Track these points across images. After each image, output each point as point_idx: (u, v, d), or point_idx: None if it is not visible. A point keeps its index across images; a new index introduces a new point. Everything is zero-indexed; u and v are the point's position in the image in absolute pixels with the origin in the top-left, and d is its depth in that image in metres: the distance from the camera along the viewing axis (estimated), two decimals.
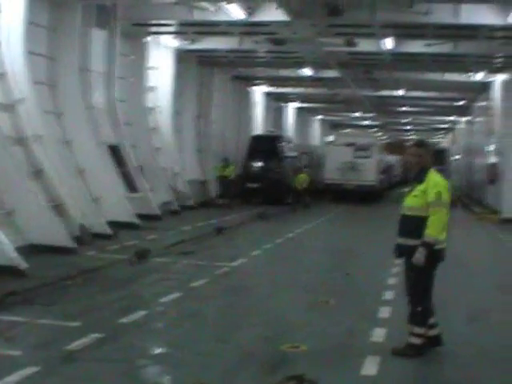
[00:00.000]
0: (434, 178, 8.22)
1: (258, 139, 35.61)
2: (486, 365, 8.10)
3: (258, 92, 41.50)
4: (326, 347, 8.49)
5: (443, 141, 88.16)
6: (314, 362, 7.80)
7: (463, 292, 12.66)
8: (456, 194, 38.96)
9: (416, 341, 8.15)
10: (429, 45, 26.34)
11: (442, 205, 8.05)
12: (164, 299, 10.71)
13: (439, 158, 39.91)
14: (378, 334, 9.11)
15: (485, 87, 36.05)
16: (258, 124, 41.25)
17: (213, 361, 7.74)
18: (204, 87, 31.89)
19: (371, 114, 58.83)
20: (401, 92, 41.01)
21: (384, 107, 52.53)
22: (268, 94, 43.44)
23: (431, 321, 8.33)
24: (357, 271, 14.65)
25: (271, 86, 41.57)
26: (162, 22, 24.12)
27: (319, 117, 65.19)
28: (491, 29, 22.76)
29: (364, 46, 26.70)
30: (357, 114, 59.69)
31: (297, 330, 9.31)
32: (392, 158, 63.53)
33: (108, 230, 17.58)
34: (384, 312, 10.48)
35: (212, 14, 21.92)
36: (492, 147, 34.25)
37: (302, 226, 23.20)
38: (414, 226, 8.10)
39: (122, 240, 17.08)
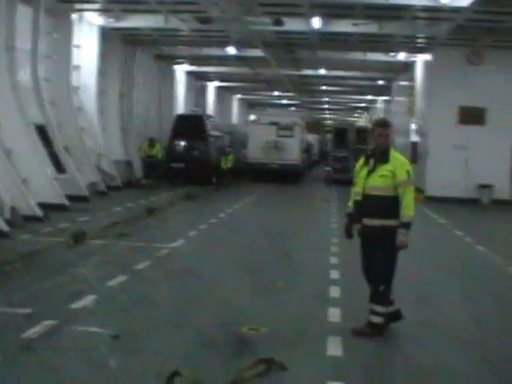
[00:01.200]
0: (399, 158, 8.27)
1: (182, 119, 35.19)
2: (445, 345, 8.20)
3: (181, 71, 41.10)
4: (286, 329, 8.46)
5: (360, 120, 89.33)
6: (277, 345, 7.75)
7: (405, 272, 12.75)
8: None
9: (377, 319, 8.20)
10: (355, 25, 26.52)
11: (411, 182, 8.13)
12: (111, 283, 10.48)
13: (361, 137, 40.22)
14: (334, 314, 9.14)
15: (406, 67, 36.55)
16: (180, 103, 40.90)
17: (174, 347, 7.61)
18: (127, 66, 31.31)
19: (290, 94, 59.07)
20: (322, 71, 41.21)
21: (304, 86, 52.80)
22: (190, 73, 43.08)
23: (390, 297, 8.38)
24: (296, 251, 14.69)
25: (193, 64, 41.24)
26: None
27: (238, 96, 65.12)
28: (417, 9, 23.02)
29: (291, 25, 26.69)
30: (276, 93, 59.89)
31: (251, 312, 9.24)
32: (311, 137, 63.96)
33: (39, 212, 17.14)
34: (334, 292, 10.53)
35: None
36: (414, 127, 34.78)
37: (231, 206, 23.12)
38: (383, 206, 8.11)
39: (54, 222, 16.68)
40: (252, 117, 41.26)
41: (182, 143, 33.55)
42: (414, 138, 34.70)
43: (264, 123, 38.85)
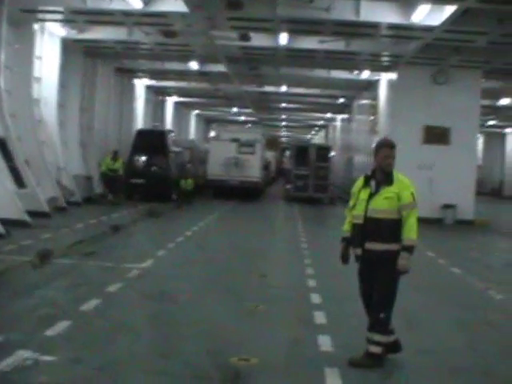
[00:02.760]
0: (404, 180, 7.88)
1: (143, 134, 34.55)
2: (450, 375, 7.77)
3: (140, 85, 40.44)
4: (277, 359, 7.95)
5: (315, 138, 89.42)
6: (272, 377, 7.24)
7: None
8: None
9: (377, 350, 7.75)
10: (322, 42, 26.28)
11: (416, 206, 7.73)
12: (84, 307, 9.84)
13: (321, 155, 39.96)
14: (325, 343, 8.64)
15: (369, 86, 36.44)
16: (140, 118, 40.23)
17: (163, 380, 7.05)
18: (88, 79, 30.62)
19: (248, 110, 58.79)
20: (283, 88, 40.96)
21: (263, 103, 52.57)
22: (149, 88, 42.44)
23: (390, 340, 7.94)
24: (271, 272, 14.19)
25: (153, 79, 40.64)
26: (53, 8, 22.81)
27: (196, 111, 64.59)
28: (386, 27, 22.77)
29: (258, 40, 26.32)
30: (234, 110, 59.58)
31: (238, 339, 8.71)
32: (269, 154, 63.70)
33: (0, 229, 16.39)
34: (319, 317, 10.03)
35: (107, 3, 20.98)
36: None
37: (196, 224, 22.53)
38: (388, 229, 7.70)
39: (16, 239, 15.96)
40: (213, 133, 40.81)
41: (143, 158, 32.90)
42: None
43: (225, 139, 38.40)
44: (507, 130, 61.65)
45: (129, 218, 23.07)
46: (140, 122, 39.89)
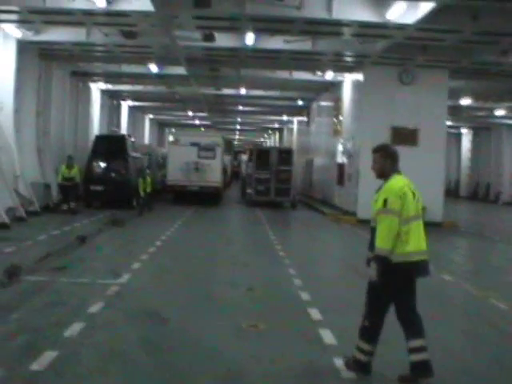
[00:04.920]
0: (390, 185, 7.49)
1: (102, 139, 33.37)
2: None
3: (96, 89, 39.25)
4: None
5: (269, 141, 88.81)
6: None
7: None
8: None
9: (360, 356, 7.49)
10: (288, 41, 25.56)
11: (388, 212, 7.31)
12: (68, 333, 8.85)
13: (283, 158, 39.10)
14: (344, 368, 7.79)
15: (331, 87, 35.83)
16: (96, 123, 39.05)
17: None
18: (44, 83, 29.38)
19: (203, 114, 57.94)
20: (242, 91, 40.15)
21: (220, 106, 51.72)
22: (105, 92, 41.27)
23: (417, 344, 7.35)
24: (257, 284, 13.27)
25: (108, 82, 39.52)
26: (9, 8, 21.59)
27: (150, 116, 63.46)
28: (358, 25, 22.08)
29: (222, 41, 25.45)
30: (190, 113, 58.67)
31: (247, 365, 7.83)
32: (225, 159, 62.75)
33: None
34: (326, 336, 9.21)
35: (67, 2, 19.92)
36: (340, 148, 33.96)
37: (164, 233, 21.51)
38: (373, 237, 7.50)
39: None
40: (171, 137, 39.81)
41: (102, 165, 31.76)
42: (341, 159, 33.88)
43: (184, 144, 37.39)
44: (463, 131, 61.73)
45: (92, 228, 21.95)
46: (96, 126, 38.73)
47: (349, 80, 32.45)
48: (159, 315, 10.18)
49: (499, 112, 44.32)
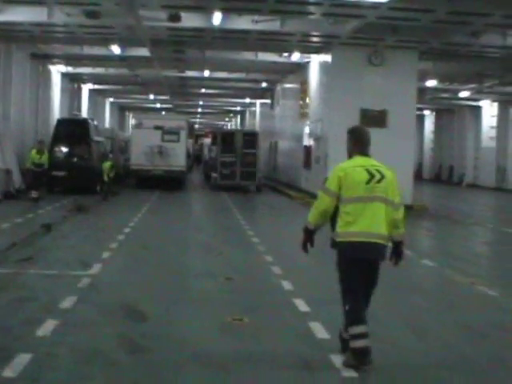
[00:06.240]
0: (337, 165, 7.52)
1: (63, 123, 32.36)
2: None
3: (56, 72, 38.21)
4: None
5: (230, 124, 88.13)
6: None
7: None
8: None
9: (355, 344, 7.08)
10: (256, 21, 24.94)
11: (323, 189, 7.46)
12: (41, 332, 8.14)
13: (248, 141, 38.41)
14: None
15: (297, 68, 35.27)
16: (56, 107, 38.06)
17: None
18: (2, 65, 28.39)
19: (164, 97, 57.10)
20: (206, 73, 39.42)
21: (182, 89, 50.95)
22: (65, 75, 40.21)
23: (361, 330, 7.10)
24: (234, 274, 12.65)
25: (69, 65, 38.52)
26: None
27: (110, 99, 62.37)
28: (330, 4, 21.57)
29: (188, 21, 24.73)
30: (151, 97, 57.80)
31: (239, 367, 7.25)
32: (188, 142, 61.97)
33: None
34: (318, 330, 8.64)
35: None
36: (307, 131, 33.47)
37: (131, 219, 20.79)
38: (334, 218, 7.59)
39: None
40: (134, 121, 38.97)
41: (64, 149, 30.87)
42: (308, 142, 33.42)
43: (148, 127, 36.58)
44: (425, 112, 61.66)
45: (57, 215, 21.17)
46: (57, 110, 37.78)
47: (316, 62, 31.91)
48: (136, 310, 9.54)
49: (464, 94, 44.13)
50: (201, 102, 64.38)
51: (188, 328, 8.75)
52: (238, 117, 77.53)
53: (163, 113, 67.64)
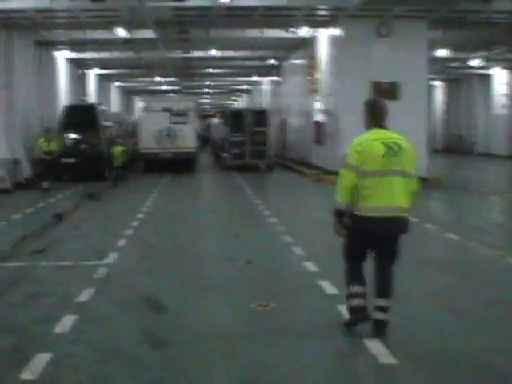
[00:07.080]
0: (354, 139, 7.39)
1: (72, 109, 31.89)
2: None
3: (61, 58, 37.71)
4: None
5: (238, 103, 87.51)
6: None
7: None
8: None
9: (352, 302, 7.50)
10: None
11: (344, 166, 7.32)
12: (59, 329, 7.80)
13: (259, 119, 37.89)
14: (379, 351, 6.87)
15: (304, 44, 34.69)
16: (62, 94, 37.59)
17: None
18: (5, 53, 27.87)
19: (171, 79, 56.55)
20: (213, 52, 38.84)
21: (187, 70, 50.35)
22: (70, 61, 39.70)
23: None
24: (254, 256, 12.23)
25: (74, 51, 38.00)
26: None
27: (116, 83, 61.82)
28: None
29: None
30: (157, 79, 57.28)
31: (275, 360, 6.87)
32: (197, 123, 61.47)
33: None
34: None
35: None
36: (318, 106, 32.96)
37: (143, 204, 20.47)
38: None
39: None
40: (142, 104, 38.52)
41: (73, 136, 30.46)
42: (319, 117, 32.91)
43: (156, 110, 36.09)
44: (436, 83, 60.90)
45: (68, 203, 20.81)
46: (63, 97, 37.28)
47: (323, 36, 31.32)
48: (155, 301, 9.15)
49: (473, 62, 43.43)
50: (207, 82, 63.79)
51: (211, 318, 8.38)
52: (246, 95, 76.86)
53: (171, 94, 67.12)
